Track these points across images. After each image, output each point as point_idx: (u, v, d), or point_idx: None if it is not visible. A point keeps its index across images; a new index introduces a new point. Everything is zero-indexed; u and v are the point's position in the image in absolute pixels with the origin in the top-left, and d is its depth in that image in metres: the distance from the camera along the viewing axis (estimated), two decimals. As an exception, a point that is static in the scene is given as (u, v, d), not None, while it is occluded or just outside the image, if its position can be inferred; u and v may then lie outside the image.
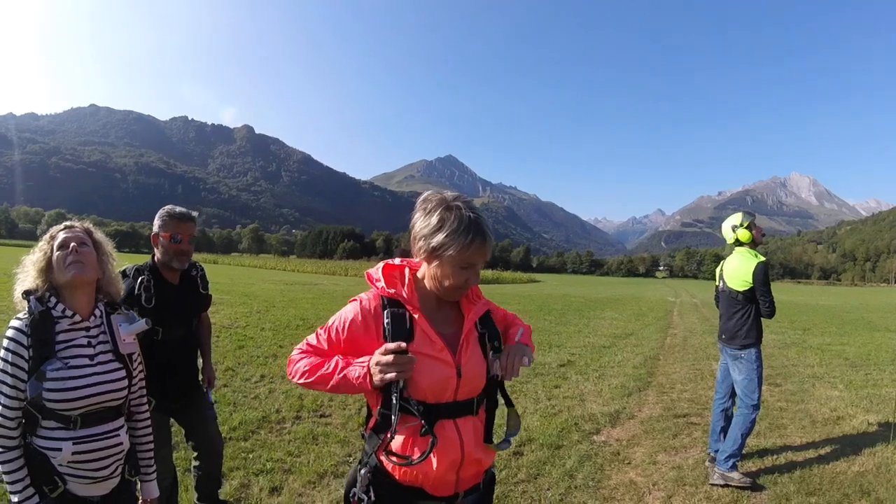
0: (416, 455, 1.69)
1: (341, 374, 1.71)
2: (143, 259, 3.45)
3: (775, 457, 5.42)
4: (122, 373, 2.17)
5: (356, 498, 1.74)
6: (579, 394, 7.66)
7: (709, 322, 18.97)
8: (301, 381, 1.77)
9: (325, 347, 1.82)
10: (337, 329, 1.80)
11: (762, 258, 4.97)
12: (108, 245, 2.29)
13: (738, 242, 5.14)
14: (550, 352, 11.23)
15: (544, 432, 5.82)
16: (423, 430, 1.69)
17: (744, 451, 4.99)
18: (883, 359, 11.73)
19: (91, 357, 2.09)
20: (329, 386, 1.72)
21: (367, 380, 1.66)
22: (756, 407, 4.88)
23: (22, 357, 1.97)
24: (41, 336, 1.99)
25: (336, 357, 1.77)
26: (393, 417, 1.66)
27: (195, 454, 3.61)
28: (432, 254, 1.74)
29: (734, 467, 4.73)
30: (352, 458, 4.88)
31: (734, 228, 5.14)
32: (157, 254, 3.26)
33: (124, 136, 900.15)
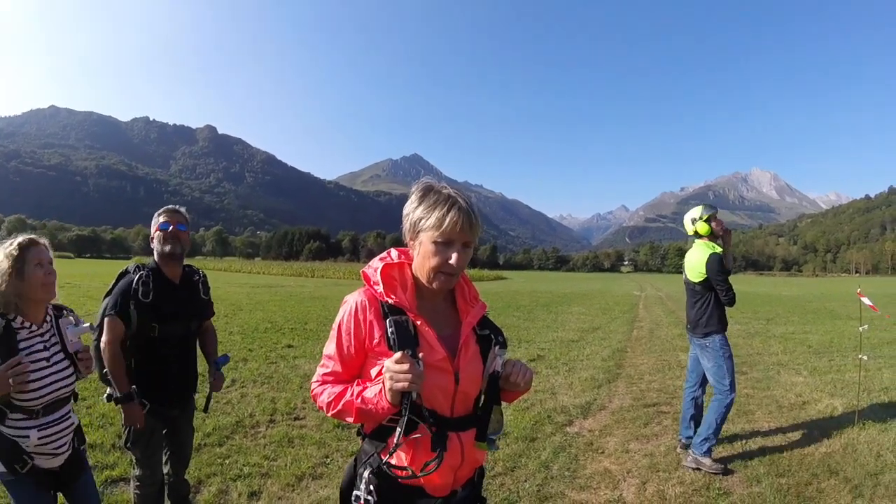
0: (419, 468, 1.65)
1: (359, 399, 1.64)
2: (105, 264, 3.43)
3: (745, 441, 5.57)
4: (71, 368, 2.52)
5: (363, 500, 1.69)
6: (550, 387, 7.75)
7: (674, 314, 19.35)
8: (330, 413, 1.70)
9: (341, 369, 1.75)
10: (345, 343, 1.73)
11: (717, 249, 5.10)
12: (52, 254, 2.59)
13: (697, 235, 5.30)
14: (520, 347, 11.33)
15: (518, 426, 5.88)
16: (434, 443, 1.65)
17: (715, 437, 5.12)
18: (845, 346, 12.09)
19: (48, 359, 2.41)
20: (354, 415, 1.66)
21: (384, 396, 1.58)
22: (727, 392, 4.98)
23: None
24: (6, 347, 2.27)
25: (351, 383, 1.71)
26: (398, 430, 1.59)
27: (166, 460, 3.59)
28: (415, 232, 1.70)
29: (708, 452, 4.84)
30: (329, 460, 4.87)
31: (693, 221, 5.30)
32: (154, 249, 3.26)
33: (85, 138, 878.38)
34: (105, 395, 3.28)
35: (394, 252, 1.83)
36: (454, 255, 1.66)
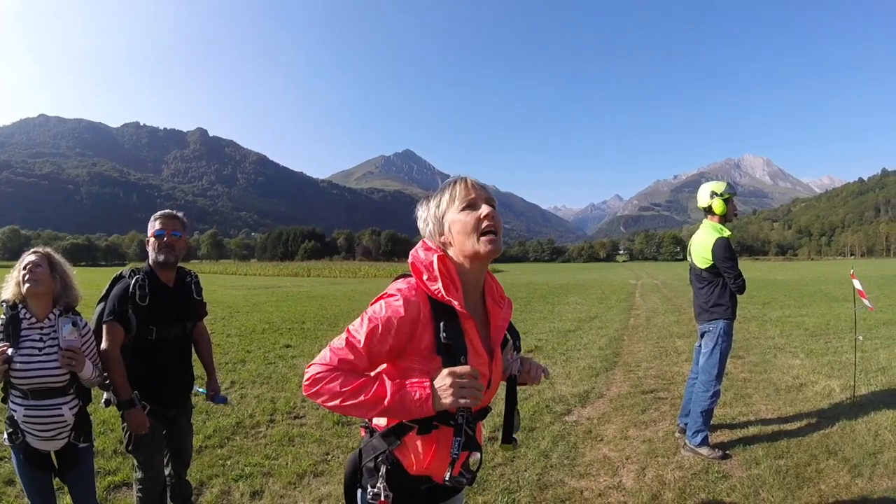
0: (447, 465, 1.62)
1: (396, 398, 1.53)
2: (101, 272, 3.47)
3: (743, 424, 5.61)
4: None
5: (383, 496, 1.63)
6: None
7: (670, 302, 19.44)
8: (334, 402, 1.55)
9: (364, 364, 1.60)
10: (382, 339, 1.58)
11: (726, 233, 4.92)
12: (65, 264, 2.96)
13: (709, 211, 5.06)
14: (518, 339, 11.32)
15: (518, 417, 5.89)
16: (467, 444, 1.64)
17: (712, 422, 5.07)
18: (841, 328, 12.12)
19: (40, 349, 2.75)
20: (378, 409, 1.55)
21: (430, 402, 1.52)
22: (712, 382, 4.88)
23: None
24: (10, 332, 2.73)
25: (381, 377, 1.59)
26: (457, 440, 1.57)
27: (167, 462, 3.60)
28: (442, 223, 1.71)
29: (704, 441, 4.81)
30: (330, 457, 4.89)
31: (713, 195, 5.02)
32: (149, 255, 3.30)
33: (76, 146, 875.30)
34: (103, 400, 3.32)
35: (430, 242, 1.75)
36: (484, 208, 1.67)
